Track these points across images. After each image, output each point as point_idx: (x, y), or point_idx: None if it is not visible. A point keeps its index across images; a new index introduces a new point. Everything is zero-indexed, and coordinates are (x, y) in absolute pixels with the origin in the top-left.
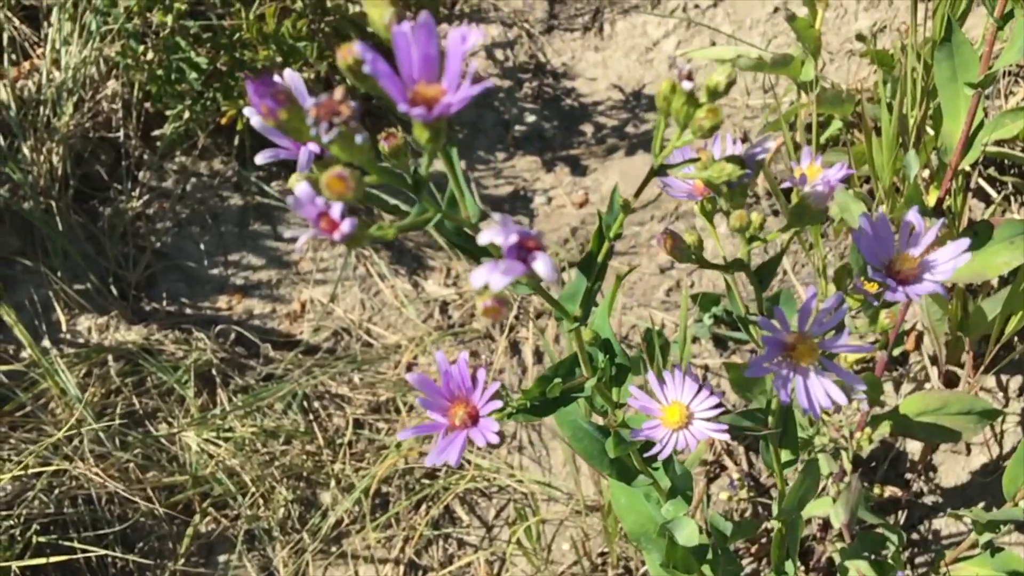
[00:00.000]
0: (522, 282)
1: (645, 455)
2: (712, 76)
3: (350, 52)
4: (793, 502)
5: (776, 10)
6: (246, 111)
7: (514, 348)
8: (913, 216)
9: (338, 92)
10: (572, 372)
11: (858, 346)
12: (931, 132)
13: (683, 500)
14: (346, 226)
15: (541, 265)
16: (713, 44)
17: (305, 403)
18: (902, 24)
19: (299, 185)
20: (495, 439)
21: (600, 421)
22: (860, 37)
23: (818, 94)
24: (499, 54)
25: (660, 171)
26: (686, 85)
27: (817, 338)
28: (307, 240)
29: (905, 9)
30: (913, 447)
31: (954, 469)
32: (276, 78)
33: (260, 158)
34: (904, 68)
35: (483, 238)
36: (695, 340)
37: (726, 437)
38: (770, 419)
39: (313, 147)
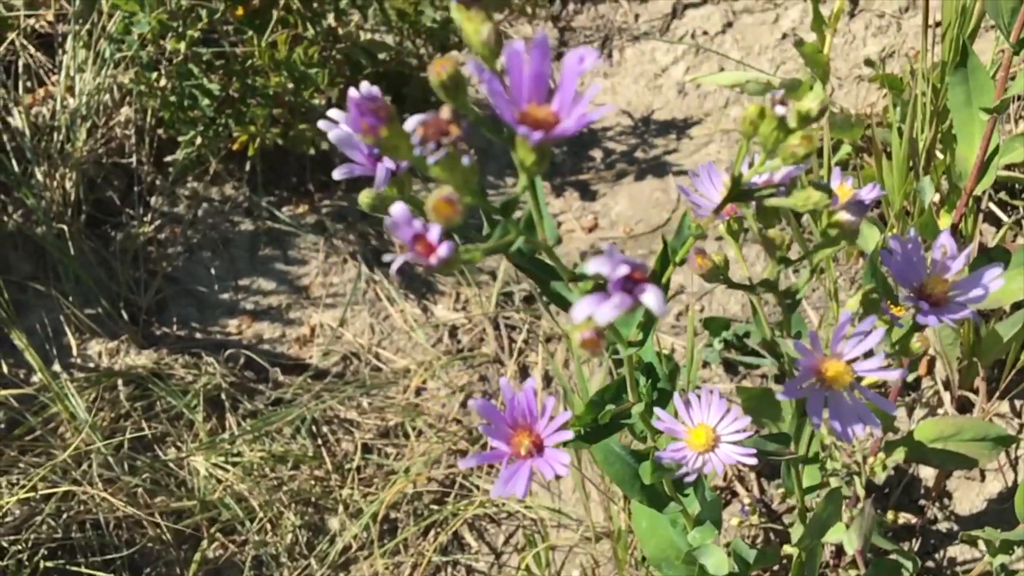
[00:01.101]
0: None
1: (674, 478)
2: (803, 101)
3: (444, 68)
4: (815, 528)
5: (784, 36)
6: (321, 124)
7: (523, 372)
8: (946, 239)
9: (445, 111)
10: (619, 397)
11: (891, 370)
12: (940, 156)
13: (711, 527)
14: (443, 250)
15: (651, 298)
16: (722, 70)
17: (314, 428)
18: (910, 49)
19: (396, 206)
20: (564, 471)
21: (640, 447)
22: (868, 62)
23: (828, 118)
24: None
25: (741, 196)
26: (780, 110)
27: (850, 362)
28: (401, 264)
29: (913, 35)
30: (927, 473)
31: (969, 496)
32: (377, 93)
33: (337, 173)
34: (913, 92)
35: (591, 268)
36: (705, 365)
37: (753, 461)
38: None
39: (390, 164)
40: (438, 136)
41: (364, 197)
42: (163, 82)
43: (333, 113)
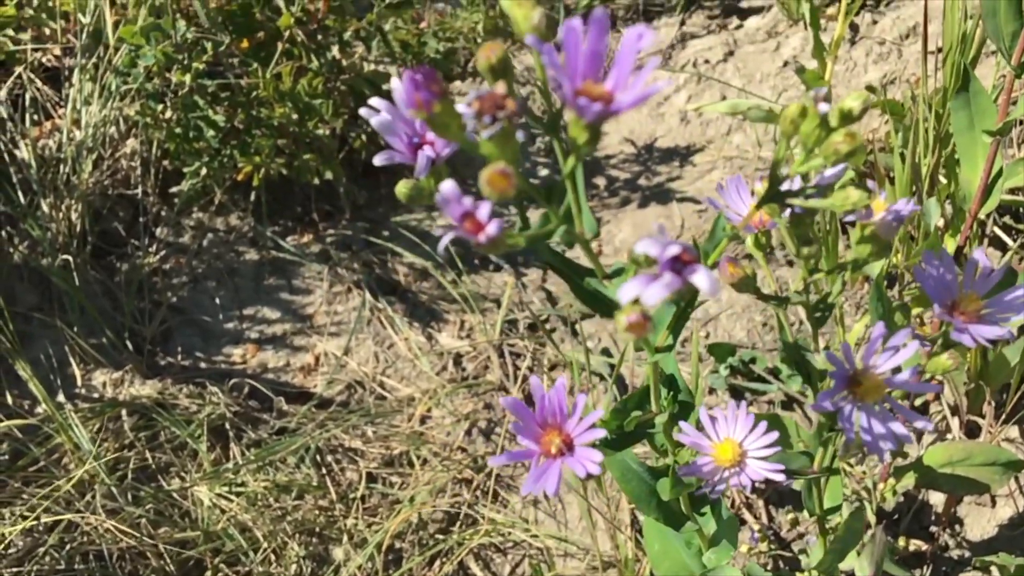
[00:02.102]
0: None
1: (696, 494)
2: (845, 101)
3: (493, 51)
4: (839, 548)
5: (785, 64)
6: (363, 112)
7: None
8: (979, 256)
9: (501, 86)
10: (643, 405)
11: (924, 384)
12: (944, 181)
13: (728, 547)
14: (492, 228)
15: (703, 278)
16: (724, 98)
17: (318, 457)
18: (912, 76)
19: (446, 182)
20: (596, 469)
21: (661, 461)
22: (870, 89)
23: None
24: None
25: (777, 197)
26: (823, 108)
27: (882, 375)
28: (449, 240)
29: (914, 62)
30: (937, 499)
31: (979, 522)
32: (434, 72)
33: (378, 159)
34: (915, 117)
35: (640, 247)
36: (712, 391)
37: (782, 477)
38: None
39: (430, 152)
40: (494, 110)
41: (402, 187)
42: (168, 114)
43: (375, 101)
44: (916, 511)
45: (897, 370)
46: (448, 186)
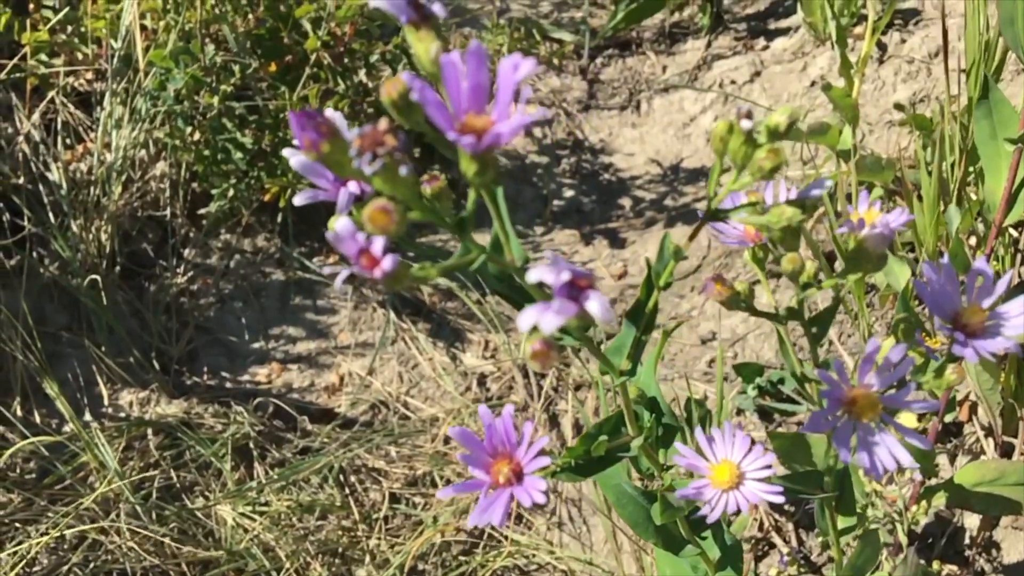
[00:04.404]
0: (570, 330)
1: (693, 517)
2: (772, 116)
3: (395, 87)
4: (850, 572)
5: (813, 84)
6: (286, 152)
7: (553, 421)
8: (981, 264)
9: (383, 123)
10: (618, 430)
11: (923, 402)
12: (974, 197)
13: (733, 572)
14: (387, 263)
15: (595, 305)
16: None
17: (341, 477)
18: (941, 94)
19: (340, 220)
20: (541, 499)
21: (651, 486)
22: (899, 106)
23: (857, 161)
24: (537, 132)
25: (714, 216)
26: (745, 124)
27: (879, 393)
28: (345, 278)
29: (944, 80)
30: (971, 522)
31: (1016, 546)
32: (318, 111)
33: (299, 199)
34: (942, 130)
35: (533, 276)
36: (739, 412)
37: (780, 499)
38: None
39: (353, 188)
40: (374, 147)
41: (332, 223)
42: (197, 136)
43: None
44: (950, 535)
45: (900, 384)
46: (342, 223)
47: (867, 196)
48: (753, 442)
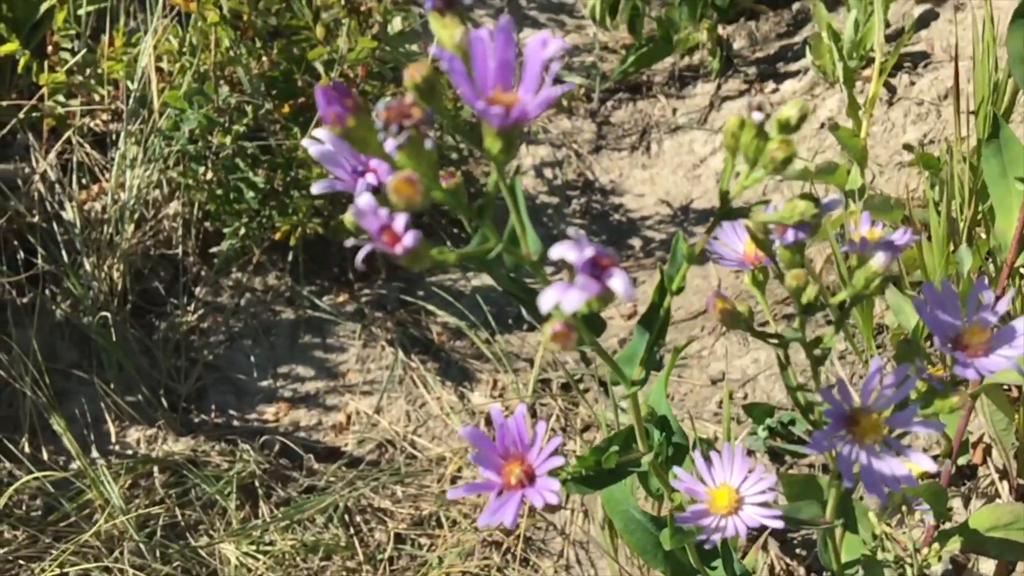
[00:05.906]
0: (592, 306)
1: (695, 543)
2: (784, 110)
3: (418, 70)
4: None
5: (822, 125)
6: (305, 142)
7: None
8: (982, 286)
9: (409, 96)
10: (628, 445)
11: (927, 423)
12: (984, 237)
13: None
14: (409, 239)
15: (618, 282)
16: None
17: (346, 516)
18: (950, 135)
19: (362, 196)
20: (554, 499)
21: (655, 508)
22: (908, 147)
23: (866, 200)
24: (548, 173)
25: (730, 214)
26: (756, 116)
27: (882, 413)
28: (366, 253)
29: (954, 122)
30: (987, 567)
31: None
32: (344, 85)
33: (316, 188)
34: (951, 170)
35: (555, 252)
36: (750, 453)
37: (779, 524)
38: (828, 510)
39: (371, 179)
40: (400, 119)
41: (348, 215)
42: (210, 175)
43: (318, 132)
44: None
45: (903, 406)
46: (364, 199)
47: (869, 216)
48: (753, 465)
